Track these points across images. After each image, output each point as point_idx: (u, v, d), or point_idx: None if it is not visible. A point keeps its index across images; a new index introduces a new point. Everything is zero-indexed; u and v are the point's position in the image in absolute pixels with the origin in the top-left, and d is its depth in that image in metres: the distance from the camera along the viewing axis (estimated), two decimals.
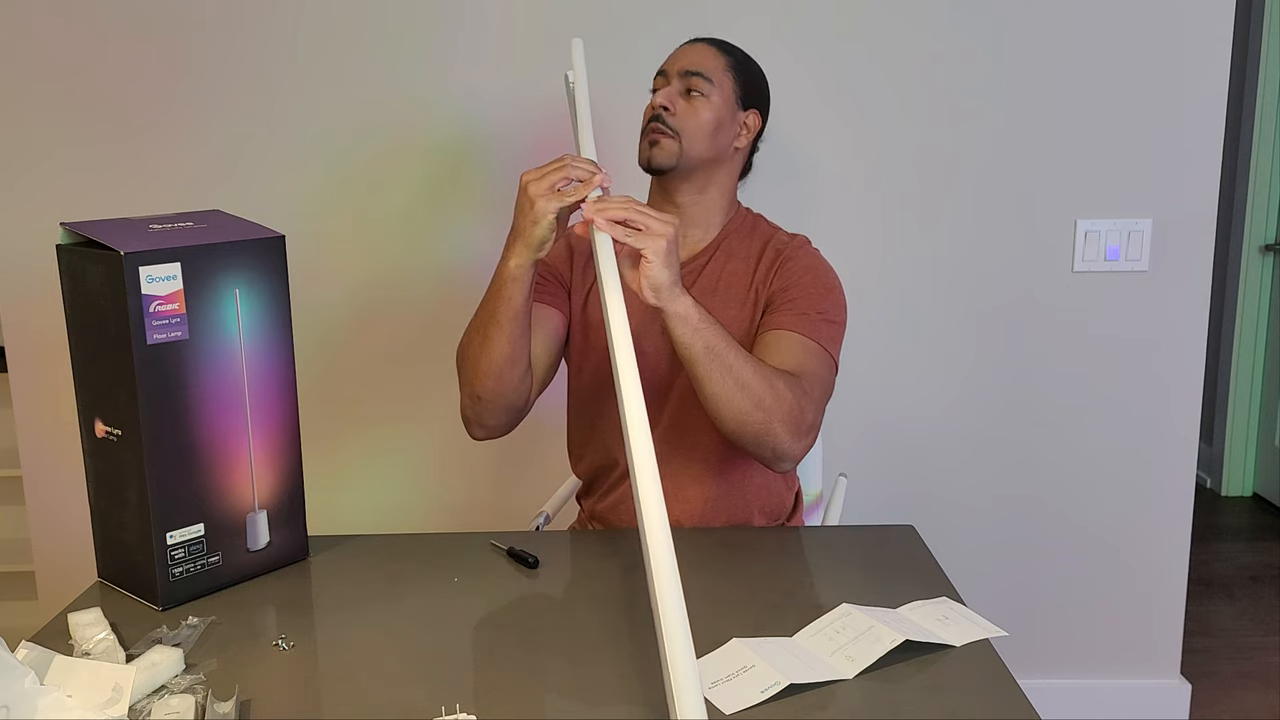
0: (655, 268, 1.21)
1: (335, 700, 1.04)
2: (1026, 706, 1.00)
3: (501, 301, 1.32)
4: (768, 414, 1.30)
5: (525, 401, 1.45)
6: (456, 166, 2.07)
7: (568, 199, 1.24)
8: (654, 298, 1.22)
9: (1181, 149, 2.04)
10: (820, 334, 1.44)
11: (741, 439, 1.33)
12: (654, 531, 1.01)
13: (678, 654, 0.93)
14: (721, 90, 1.49)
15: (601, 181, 1.26)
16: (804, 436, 1.34)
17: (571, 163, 1.26)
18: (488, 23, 2.02)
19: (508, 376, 1.38)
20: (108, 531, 1.28)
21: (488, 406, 1.42)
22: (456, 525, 2.19)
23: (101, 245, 1.16)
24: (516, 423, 1.48)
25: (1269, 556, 3.18)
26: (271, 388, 1.29)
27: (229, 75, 2.04)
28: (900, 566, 1.34)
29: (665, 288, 1.22)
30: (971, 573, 2.07)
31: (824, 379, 1.41)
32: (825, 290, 1.49)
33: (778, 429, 1.31)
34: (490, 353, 1.36)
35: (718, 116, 1.49)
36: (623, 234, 1.21)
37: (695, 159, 1.49)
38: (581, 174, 1.26)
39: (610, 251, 1.21)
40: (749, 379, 1.28)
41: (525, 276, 1.30)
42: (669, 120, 1.47)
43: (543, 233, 1.25)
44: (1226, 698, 2.39)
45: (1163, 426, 2.15)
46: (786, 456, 1.35)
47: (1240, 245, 3.50)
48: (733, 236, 1.55)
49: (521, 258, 1.28)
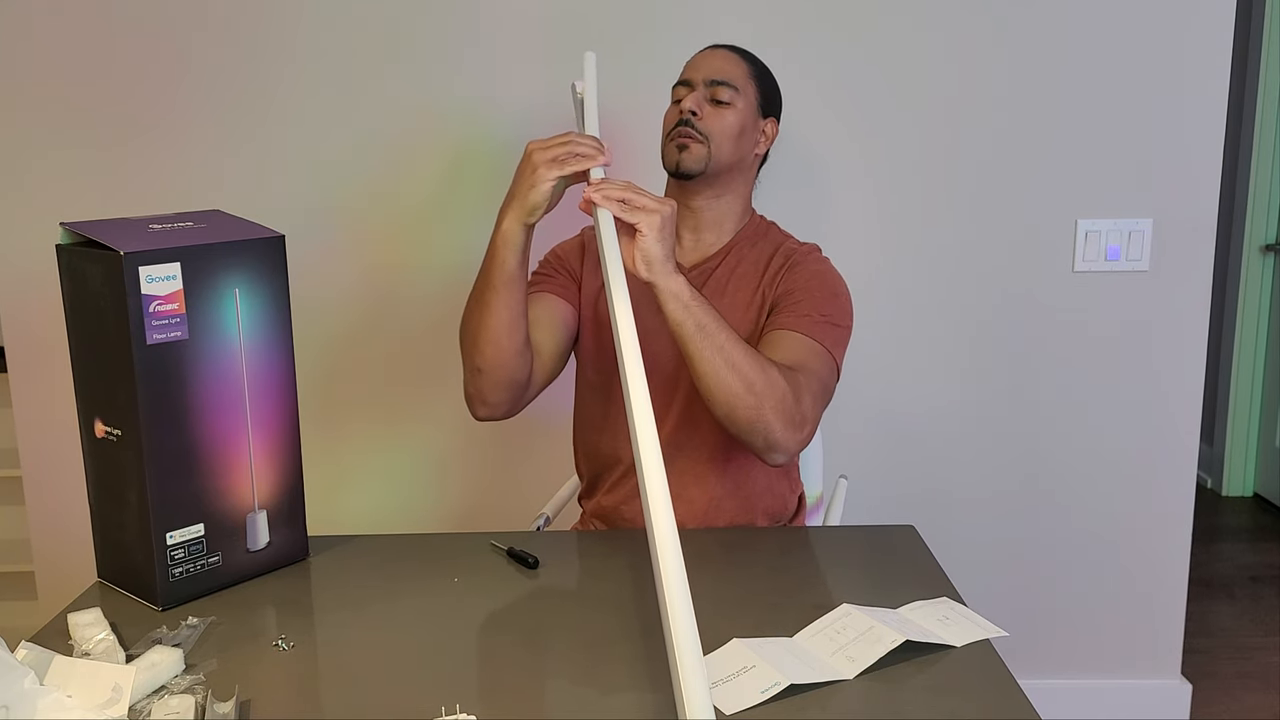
0: (649, 241, 1.25)
1: (335, 700, 1.04)
2: (1026, 707, 1.00)
3: (496, 265, 1.34)
4: (759, 398, 1.30)
5: (526, 379, 1.45)
6: (457, 166, 2.07)
7: (568, 169, 1.28)
8: (646, 272, 1.27)
9: (1182, 149, 2.04)
10: (822, 335, 1.44)
11: (734, 423, 1.33)
12: (661, 527, 1.01)
13: (685, 652, 0.93)
14: (746, 98, 1.52)
15: (605, 161, 1.30)
16: (797, 429, 1.34)
17: (577, 138, 1.30)
18: (490, 25, 2.02)
19: (505, 345, 1.39)
20: (107, 532, 1.28)
21: (488, 379, 1.42)
22: (456, 525, 2.19)
23: (101, 245, 1.16)
24: (518, 404, 1.48)
25: (1269, 557, 3.18)
26: (271, 388, 1.29)
27: (229, 75, 2.04)
28: (901, 567, 1.34)
29: (658, 262, 1.26)
30: (972, 573, 2.07)
31: (822, 377, 1.41)
32: (831, 295, 1.49)
33: (769, 415, 1.31)
34: (488, 319, 1.37)
35: (742, 123, 1.51)
36: (619, 209, 1.25)
37: (721, 164, 1.51)
38: (586, 150, 1.29)
39: (612, 228, 1.25)
40: (740, 361, 1.30)
41: (518, 240, 1.32)
42: (697, 124, 1.49)
43: (538, 198, 1.28)
44: (1227, 698, 2.39)
45: (1163, 426, 2.15)
46: (779, 447, 1.34)
47: (1241, 245, 3.50)
48: (744, 242, 1.57)
49: (514, 220, 1.31)
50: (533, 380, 1.47)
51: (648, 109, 1.56)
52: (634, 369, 1.12)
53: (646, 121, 1.55)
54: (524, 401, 1.49)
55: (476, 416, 1.49)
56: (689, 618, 0.95)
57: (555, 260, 1.61)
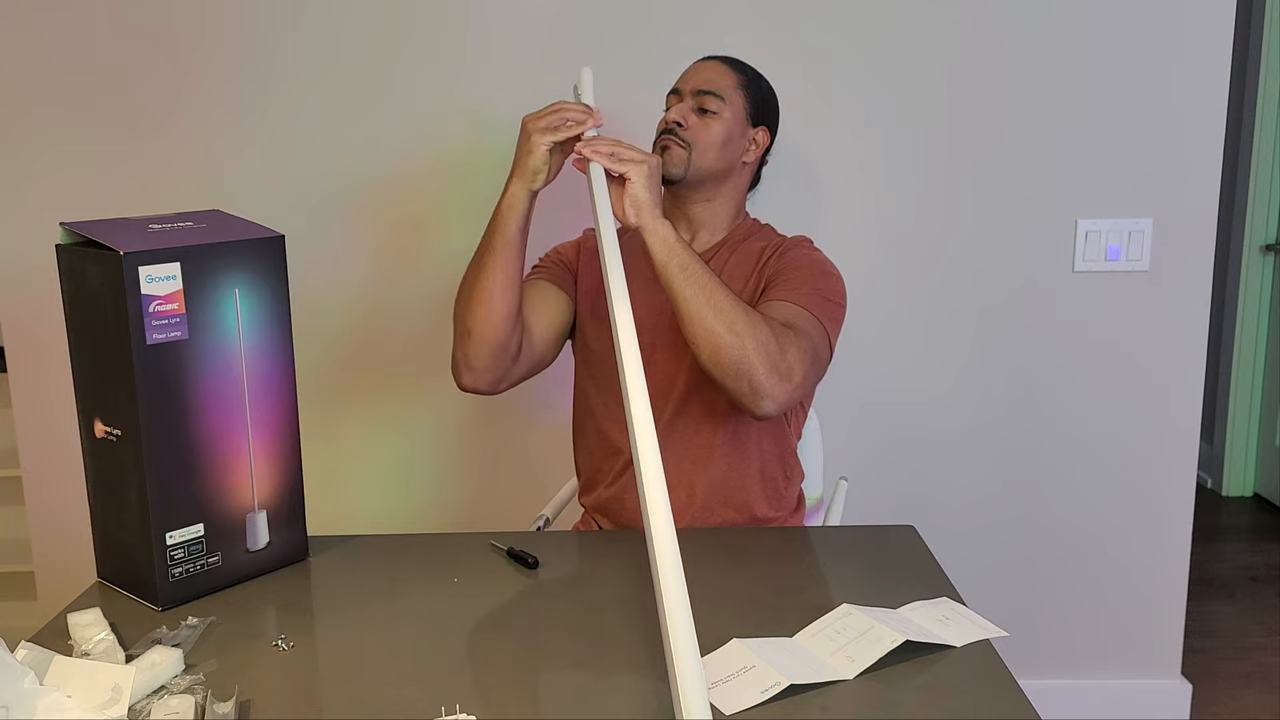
0: (637, 187, 1.35)
1: (335, 700, 1.04)
2: (1026, 707, 1.00)
3: (498, 229, 1.42)
4: (740, 338, 1.33)
5: (515, 351, 1.48)
6: (457, 167, 2.07)
7: (560, 134, 1.38)
8: (635, 216, 1.36)
9: (1182, 149, 2.04)
10: (811, 304, 1.47)
11: (718, 365, 1.36)
12: (657, 520, 1.03)
13: (682, 650, 0.94)
14: (733, 107, 1.56)
15: (594, 123, 1.41)
16: (783, 378, 1.36)
17: (565, 106, 1.40)
18: (492, 26, 2.02)
19: (498, 307, 1.43)
20: (107, 531, 1.28)
21: (475, 341, 1.45)
22: (456, 525, 2.19)
23: (101, 245, 1.16)
24: (502, 378, 1.50)
25: (1269, 557, 3.18)
26: (271, 388, 1.29)
27: (229, 75, 2.04)
28: (900, 566, 1.34)
29: (645, 207, 1.36)
30: (972, 573, 2.08)
31: (812, 340, 1.43)
32: (822, 273, 1.53)
33: (753, 358, 1.34)
34: (483, 279, 1.43)
35: (728, 132, 1.56)
36: (609, 161, 1.36)
37: (704, 170, 1.55)
38: (575, 115, 1.39)
39: (603, 181, 1.36)
40: (723, 303, 1.34)
41: (521, 205, 1.41)
42: (681, 133, 1.55)
43: (536, 162, 1.38)
44: (1227, 698, 2.39)
45: (1163, 426, 2.15)
46: (763, 391, 1.36)
47: (1241, 245, 3.50)
48: (737, 239, 1.61)
49: (518, 187, 1.40)
50: (520, 357, 1.50)
51: (647, 111, 1.58)
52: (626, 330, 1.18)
53: (646, 125, 1.56)
54: (508, 378, 1.51)
55: (461, 384, 1.51)
56: (686, 617, 0.96)
57: (553, 254, 1.67)
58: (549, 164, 1.39)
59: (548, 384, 2.11)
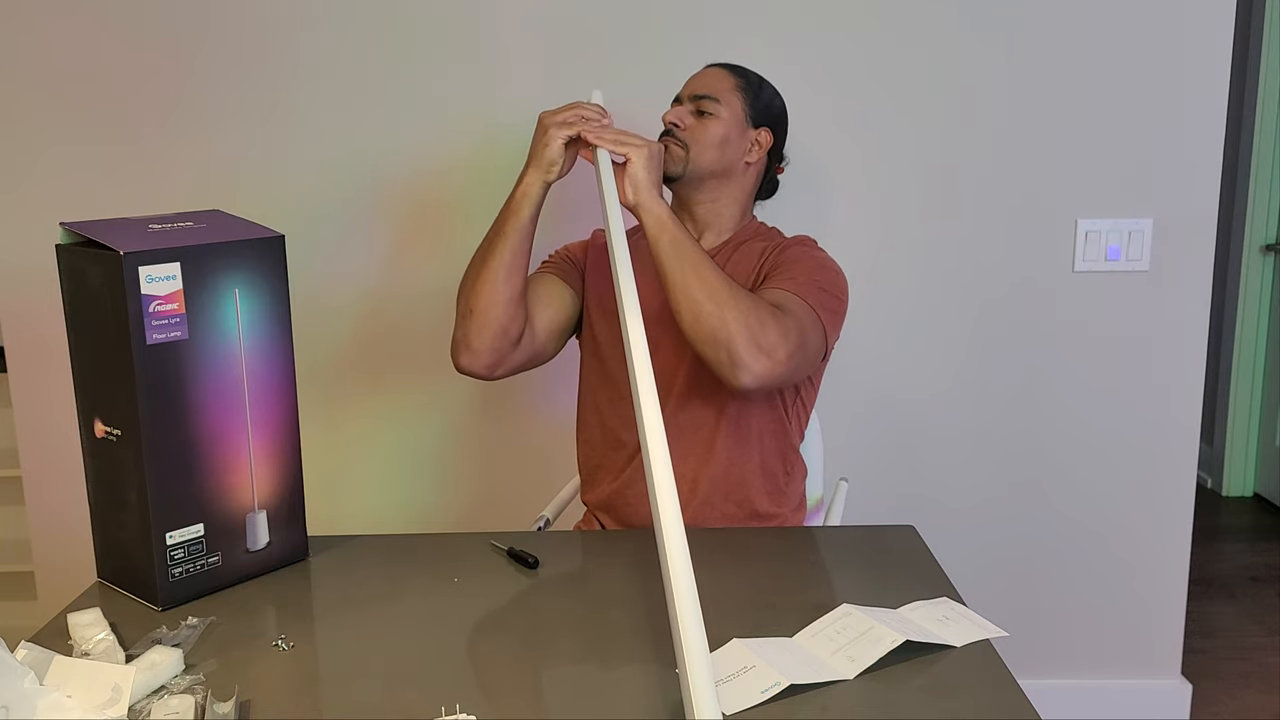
0: (637, 167, 1.41)
1: (335, 700, 1.04)
2: (1026, 707, 1.00)
3: (510, 214, 1.47)
4: (721, 307, 1.36)
5: (515, 336, 1.50)
6: (459, 168, 2.07)
7: (575, 129, 1.44)
8: (633, 195, 1.41)
9: (1182, 149, 2.04)
10: (807, 293, 1.48)
11: (698, 333, 1.38)
12: (666, 510, 1.05)
13: (692, 644, 0.94)
14: (730, 108, 1.59)
15: (606, 123, 1.46)
16: (761, 352, 1.37)
17: (582, 105, 1.47)
18: (492, 28, 2.02)
19: (501, 288, 1.46)
20: (107, 531, 1.28)
21: (476, 321, 1.48)
22: (456, 526, 2.19)
23: (101, 245, 1.16)
24: (500, 362, 1.52)
25: (1269, 557, 3.18)
26: (271, 388, 1.29)
27: (230, 75, 2.04)
28: (900, 566, 1.34)
29: (644, 187, 1.41)
30: (972, 573, 2.08)
31: (802, 325, 1.43)
32: (820, 267, 1.55)
33: (732, 327, 1.36)
34: (489, 260, 1.47)
35: (725, 132, 1.58)
36: (613, 144, 1.42)
37: (703, 168, 1.58)
38: (590, 114, 1.46)
39: (609, 168, 1.42)
40: (708, 274, 1.39)
41: (535, 194, 1.46)
42: (678, 133, 1.58)
43: (552, 155, 1.44)
44: (1227, 698, 2.39)
45: (1163, 426, 2.15)
46: (741, 363, 1.37)
47: (1241, 245, 3.49)
48: (741, 238, 1.63)
49: (533, 177, 1.46)
50: (520, 345, 1.52)
51: (655, 115, 1.60)
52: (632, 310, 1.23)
53: (653, 129, 1.58)
54: (506, 363, 1.53)
55: (458, 365, 1.53)
56: (696, 615, 0.96)
57: (562, 251, 1.71)
58: (564, 157, 1.45)
59: (548, 385, 2.12)
